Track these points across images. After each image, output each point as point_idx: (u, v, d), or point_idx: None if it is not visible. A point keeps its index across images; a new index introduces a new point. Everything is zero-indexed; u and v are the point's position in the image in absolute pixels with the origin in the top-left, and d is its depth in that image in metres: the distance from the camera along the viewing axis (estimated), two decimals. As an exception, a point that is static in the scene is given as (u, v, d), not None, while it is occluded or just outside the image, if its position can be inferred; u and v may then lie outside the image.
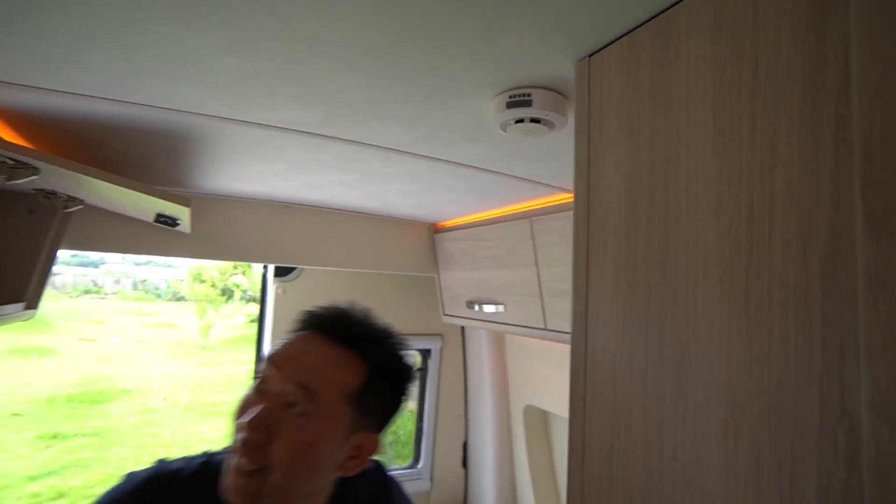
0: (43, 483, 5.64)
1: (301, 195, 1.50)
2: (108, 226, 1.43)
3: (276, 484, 0.63)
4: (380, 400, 0.72)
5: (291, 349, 0.71)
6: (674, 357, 0.47)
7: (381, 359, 0.72)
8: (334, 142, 0.95)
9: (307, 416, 0.65)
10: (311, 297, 1.99)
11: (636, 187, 0.54)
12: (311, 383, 0.66)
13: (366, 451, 0.72)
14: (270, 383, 0.67)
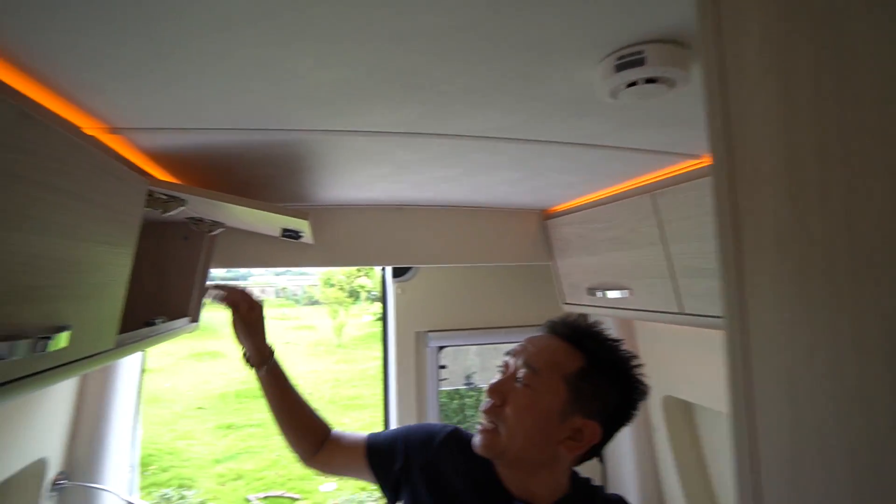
0: (224, 465, 6.61)
1: (409, 196, 1.52)
2: (246, 244, 1.59)
3: (503, 441, 0.84)
4: (595, 388, 0.84)
5: (525, 343, 0.92)
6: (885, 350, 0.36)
7: (596, 352, 0.86)
8: (434, 138, 0.94)
9: (529, 387, 0.84)
10: (427, 294, 2.04)
11: (798, 139, 0.43)
12: (533, 362, 0.85)
13: (585, 437, 0.83)
14: (507, 367, 0.89)
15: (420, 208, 1.68)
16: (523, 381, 0.84)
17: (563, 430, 0.83)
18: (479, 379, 2.52)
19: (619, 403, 0.87)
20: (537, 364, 0.85)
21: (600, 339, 0.90)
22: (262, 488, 6.22)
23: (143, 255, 1.39)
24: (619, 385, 0.87)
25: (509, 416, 0.83)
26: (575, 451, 0.85)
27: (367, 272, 15.03)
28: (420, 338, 2.03)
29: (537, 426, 0.83)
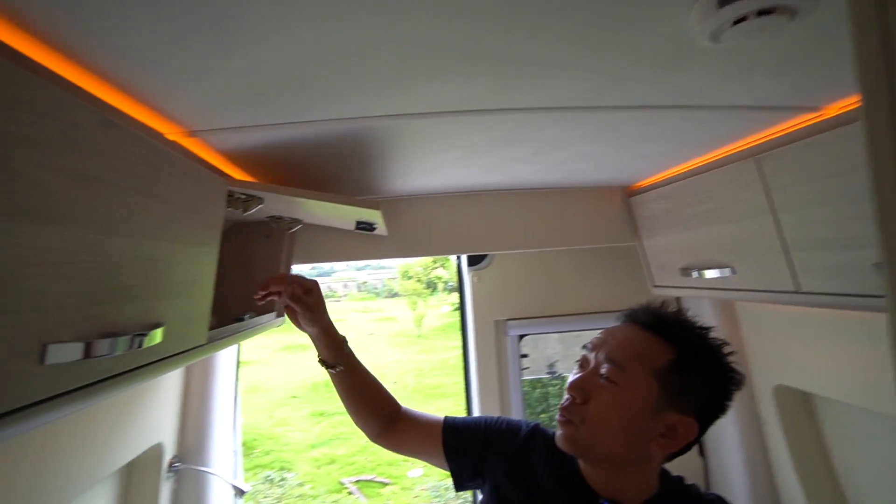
0: (319, 451, 7.04)
1: (479, 181, 1.47)
2: (324, 239, 1.63)
3: (586, 438, 0.79)
4: (688, 381, 0.78)
5: (605, 335, 0.86)
6: None
7: (686, 342, 0.80)
8: (503, 114, 0.87)
9: (615, 384, 0.78)
10: (505, 282, 1.98)
11: None
12: (618, 357, 0.80)
13: (679, 434, 0.78)
14: (587, 362, 0.85)
15: (492, 193, 1.62)
16: (608, 377, 0.79)
17: (655, 427, 0.78)
18: (563, 367, 2.43)
19: (714, 396, 0.80)
20: (622, 358, 0.80)
21: (689, 326, 0.83)
22: (353, 472, 6.55)
23: (230, 254, 1.46)
24: (712, 376, 0.80)
25: (594, 414, 0.79)
26: (668, 450, 0.80)
27: (444, 263, 15.24)
28: (499, 326, 1.98)
29: (625, 424, 0.78)
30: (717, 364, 0.80)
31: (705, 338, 0.82)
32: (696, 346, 0.81)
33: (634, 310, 0.88)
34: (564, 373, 2.44)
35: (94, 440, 1.10)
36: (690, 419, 0.78)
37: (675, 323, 0.83)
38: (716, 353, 0.81)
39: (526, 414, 2.07)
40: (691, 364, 0.78)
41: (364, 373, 1.02)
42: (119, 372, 0.67)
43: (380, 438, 1.02)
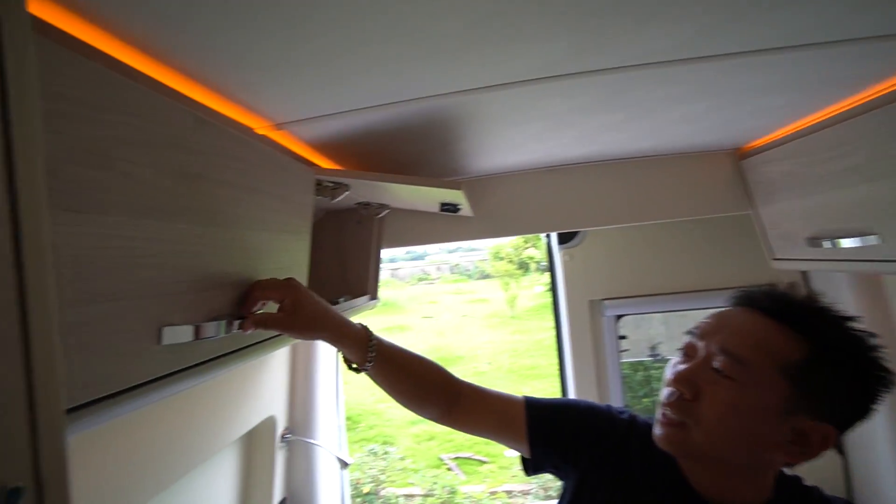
0: (419, 427, 7.34)
1: (566, 154, 1.39)
2: (411, 223, 1.65)
3: (698, 441, 0.69)
4: (825, 384, 0.66)
5: (717, 321, 0.74)
6: None
7: (825, 338, 0.67)
8: (588, 77, 0.80)
9: (734, 380, 0.67)
10: (599, 260, 1.87)
11: None
12: (737, 350, 0.68)
13: (813, 444, 0.67)
14: (694, 351, 0.74)
15: (580, 166, 1.53)
16: (725, 372, 0.68)
17: (782, 432, 0.67)
18: (666, 350, 2.26)
19: (857, 399, 0.66)
20: (742, 351, 0.68)
21: (828, 317, 0.69)
22: (452, 449, 6.75)
23: (324, 241, 1.54)
24: (856, 377, 0.66)
25: (706, 413, 0.68)
26: (798, 459, 0.68)
27: (535, 243, 14.97)
28: (594, 306, 1.89)
29: (746, 428, 0.67)
30: (863, 362, 0.66)
31: (847, 330, 0.68)
32: (837, 341, 0.67)
33: (754, 293, 0.74)
34: (668, 356, 2.28)
35: (218, 412, 1.23)
36: (827, 427, 0.66)
37: (811, 312, 0.69)
38: (861, 348, 0.67)
39: (627, 398, 1.96)
40: (830, 362, 0.66)
41: (402, 358, 0.88)
42: (227, 352, 0.73)
43: (445, 419, 0.91)
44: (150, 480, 0.95)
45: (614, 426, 0.85)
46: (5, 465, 0.31)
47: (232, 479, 1.43)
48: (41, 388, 0.33)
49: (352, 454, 1.85)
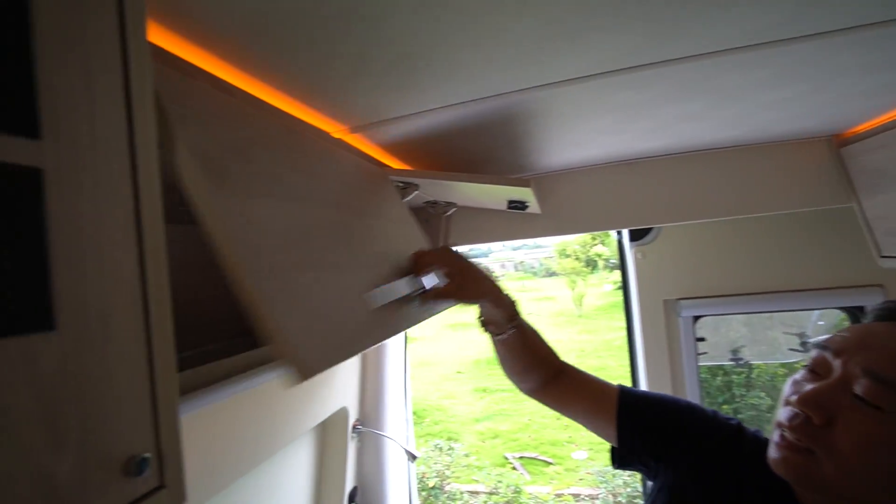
0: (483, 424, 7.38)
1: (638, 147, 1.33)
2: (478, 221, 1.66)
3: (827, 474, 0.59)
4: None
5: (859, 337, 0.63)
6: None
7: None
8: (663, 67, 0.76)
9: (881, 410, 0.56)
10: (674, 257, 1.78)
11: None
12: (888, 374, 0.57)
13: None
14: (826, 368, 0.63)
15: (654, 159, 1.46)
16: (869, 400, 0.57)
17: None
18: (750, 354, 2.11)
19: None
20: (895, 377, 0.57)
21: None
22: (516, 448, 6.71)
23: (394, 239, 1.58)
24: None
25: (841, 444, 0.58)
26: None
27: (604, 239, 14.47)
28: (669, 306, 1.80)
29: (892, 467, 0.56)
30: None
31: None
32: None
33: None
34: (752, 360, 2.12)
35: (295, 401, 1.30)
36: None
37: None
38: None
39: (705, 404, 1.85)
40: None
41: (531, 333, 0.93)
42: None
43: (537, 394, 0.93)
44: (235, 463, 1.02)
45: (720, 431, 0.78)
46: (136, 438, 0.35)
47: (308, 467, 1.52)
48: (161, 374, 0.37)
49: (417, 448, 1.90)
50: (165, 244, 0.40)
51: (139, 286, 0.36)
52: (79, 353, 0.32)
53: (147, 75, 0.39)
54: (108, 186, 0.35)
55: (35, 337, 0.29)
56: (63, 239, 0.31)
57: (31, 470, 0.29)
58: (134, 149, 0.37)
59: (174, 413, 0.39)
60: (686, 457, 0.77)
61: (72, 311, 0.32)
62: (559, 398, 0.93)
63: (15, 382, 0.28)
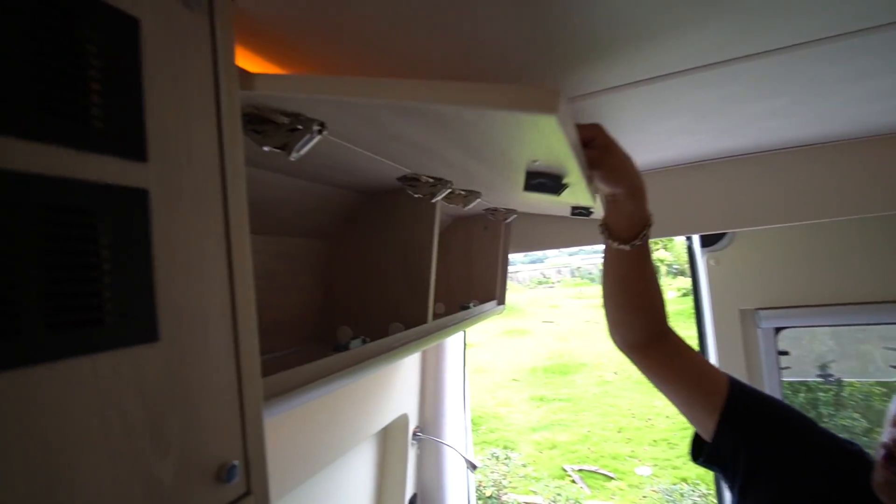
0: (540, 434, 7.22)
1: (714, 147, 1.26)
2: (538, 227, 1.63)
3: None
4: None
5: None
6: None
7: None
8: (747, 62, 0.71)
9: None
10: (752, 264, 1.67)
11: None
12: None
13: None
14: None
15: (730, 160, 1.37)
16: None
17: None
18: (839, 369, 1.92)
19: None
20: None
21: None
22: (575, 461, 6.51)
23: (454, 247, 1.59)
24: None
25: None
26: None
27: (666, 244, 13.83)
28: (747, 316, 1.68)
29: None
30: None
31: None
32: None
33: None
34: (843, 377, 1.93)
35: (359, 408, 1.33)
36: None
37: None
38: None
39: (788, 423, 1.70)
40: None
41: (651, 262, 0.81)
42: (379, 353, 0.79)
43: (635, 351, 0.83)
44: (300, 467, 1.06)
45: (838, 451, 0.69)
46: (227, 444, 0.37)
47: (369, 473, 1.54)
48: (247, 382, 0.39)
49: (474, 456, 1.88)
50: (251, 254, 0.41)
51: (228, 296, 0.38)
52: (179, 362, 0.34)
53: (235, 99, 0.41)
54: (203, 203, 0.37)
55: (143, 347, 0.31)
56: (165, 254, 0.33)
57: (142, 475, 0.31)
58: (224, 165, 0.39)
59: (259, 419, 0.40)
60: (792, 475, 0.69)
61: (173, 322, 0.33)
62: (661, 365, 0.81)
63: (126, 391, 0.30)
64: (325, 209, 1.00)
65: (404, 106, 0.43)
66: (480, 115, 0.45)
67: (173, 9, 0.36)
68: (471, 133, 0.53)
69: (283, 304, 0.99)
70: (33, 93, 0.27)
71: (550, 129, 0.44)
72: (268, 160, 0.70)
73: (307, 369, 0.55)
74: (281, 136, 0.54)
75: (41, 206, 0.27)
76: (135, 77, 0.32)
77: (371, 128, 0.55)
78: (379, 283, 1.06)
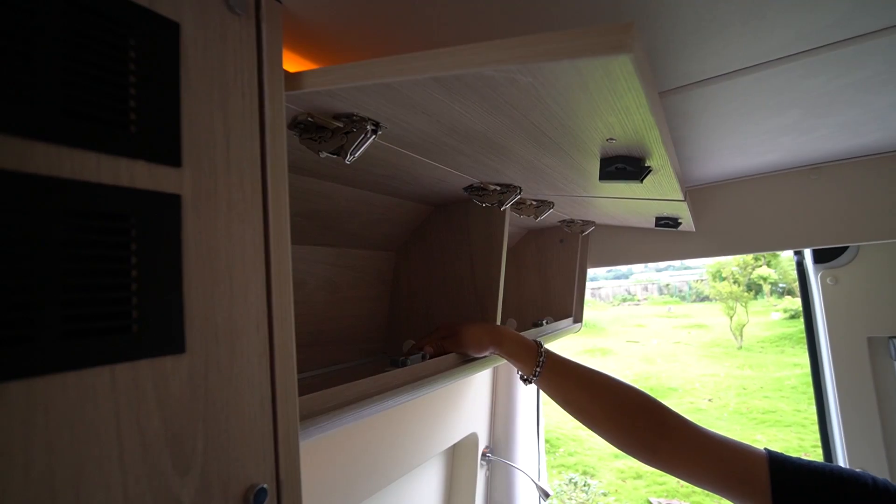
0: (623, 462, 6.74)
1: (828, 148, 1.09)
2: (619, 240, 1.52)
3: None
4: None
5: None
6: None
7: None
8: (877, 39, 0.59)
9: None
10: (877, 284, 1.42)
11: None
12: None
13: None
14: None
15: (850, 162, 1.18)
16: None
17: None
18: None
19: None
20: None
21: None
22: (662, 494, 5.98)
23: (527, 261, 1.52)
24: None
25: None
26: None
27: (770, 260, 12.54)
28: (877, 345, 1.43)
29: None
30: None
31: None
32: None
33: None
34: None
35: (426, 424, 1.30)
36: None
37: None
38: None
39: (932, 475, 1.42)
40: None
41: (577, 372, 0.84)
42: (439, 371, 0.75)
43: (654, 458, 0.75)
44: (363, 484, 1.04)
45: None
46: (256, 465, 0.34)
47: (437, 490, 1.50)
48: (282, 399, 0.36)
49: (549, 480, 1.77)
50: (292, 264, 0.39)
51: (265, 308, 0.36)
52: (206, 376, 0.32)
53: (280, 105, 0.39)
54: (240, 209, 0.35)
55: (167, 359, 0.30)
56: (197, 262, 0.32)
57: (158, 492, 0.29)
58: (265, 172, 0.37)
59: (294, 440, 0.38)
60: None
61: (202, 333, 0.32)
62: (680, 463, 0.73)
63: (146, 405, 0.29)
64: (391, 220, 0.99)
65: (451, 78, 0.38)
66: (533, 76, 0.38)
67: (217, 13, 0.35)
68: (529, 108, 0.47)
69: (349, 315, 0.99)
70: (69, 97, 0.26)
71: (625, 77, 0.36)
72: (331, 171, 0.70)
73: (354, 387, 0.52)
74: (336, 140, 0.53)
75: (65, 210, 0.26)
76: (172, 82, 0.31)
77: (425, 120, 0.51)
78: (446, 296, 1.03)
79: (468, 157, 0.69)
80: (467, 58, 0.36)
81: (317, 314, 0.90)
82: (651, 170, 0.66)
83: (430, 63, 0.37)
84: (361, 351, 1.02)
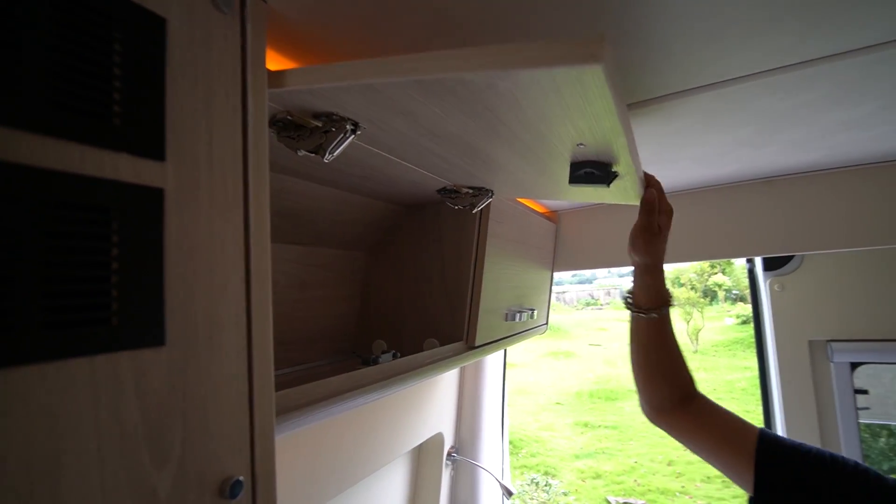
0: (583, 462, 6.91)
1: (779, 162, 1.16)
2: (585, 245, 1.57)
3: None
4: None
5: None
6: None
7: None
8: (827, 64, 0.64)
9: None
10: (821, 290, 1.52)
11: None
12: None
13: None
14: None
15: (799, 176, 1.26)
16: None
17: None
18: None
19: None
20: None
21: None
22: (620, 493, 6.16)
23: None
24: None
25: None
26: None
27: (724, 267, 13.11)
28: (817, 349, 1.53)
29: None
30: None
31: None
32: None
33: None
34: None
35: (393, 424, 1.30)
36: None
37: None
38: None
39: (866, 470, 1.52)
40: None
41: (672, 334, 0.86)
42: (409, 369, 0.76)
43: (663, 417, 0.83)
44: (331, 482, 1.03)
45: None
46: (233, 458, 0.34)
47: (402, 490, 1.50)
48: (259, 394, 0.37)
49: (512, 480, 1.80)
50: (271, 262, 0.39)
51: (244, 304, 0.36)
52: (185, 369, 0.32)
53: (263, 102, 0.40)
54: (222, 206, 0.35)
55: (147, 351, 0.30)
56: (178, 256, 0.32)
57: (135, 484, 0.29)
58: (247, 169, 0.38)
59: (270, 434, 0.38)
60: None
61: (182, 326, 0.32)
62: (689, 426, 0.81)
63: (126, 397, 0.29)
64: (364, 221, 0.99)
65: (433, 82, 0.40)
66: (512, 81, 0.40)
67: (203, 11, 0.35)
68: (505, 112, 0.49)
69: (319, 315, 0.98)
70: (54, 88, 0.26)
71: (596, 84, 0.39)
72: (306, 169, 0.70)
73: (328, 384, 0.53)
74: (314, 139, 0.53)
75: (48, 201, 0.26)
76: (158, 76, 0.32)
77: (404, 121, 0.52)
78: (416, 297, 1.04)
79: (443, 160, 0.71)
80: (451, 62, 0.37)
81: (286, 313, 0.90)
82: (618, 175, 0.69)
83: (415, 66, 0.38)
84: (331, 350, 1.01)
